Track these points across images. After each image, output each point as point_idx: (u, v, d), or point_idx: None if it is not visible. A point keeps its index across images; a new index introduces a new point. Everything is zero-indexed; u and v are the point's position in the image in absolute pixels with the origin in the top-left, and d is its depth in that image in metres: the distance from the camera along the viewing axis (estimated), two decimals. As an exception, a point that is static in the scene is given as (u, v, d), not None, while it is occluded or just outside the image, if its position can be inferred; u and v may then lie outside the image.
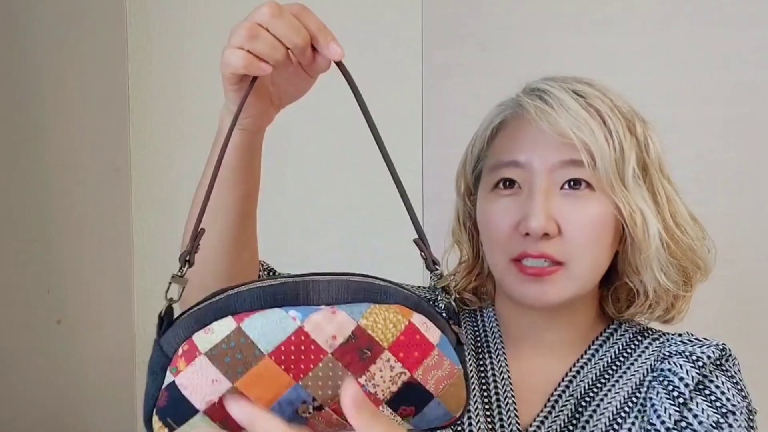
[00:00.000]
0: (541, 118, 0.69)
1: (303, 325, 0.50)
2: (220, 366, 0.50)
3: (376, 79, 1.22)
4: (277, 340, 0.50)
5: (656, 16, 1.17)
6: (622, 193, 0.68)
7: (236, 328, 0.50)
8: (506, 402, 0.74)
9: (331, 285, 0.53)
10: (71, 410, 1.10)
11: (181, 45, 1.21)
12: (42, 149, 1.05)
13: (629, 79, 1.15)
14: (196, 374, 0.50)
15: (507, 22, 1.21)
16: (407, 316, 0.53)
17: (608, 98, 0.71)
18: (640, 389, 0.73)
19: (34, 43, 1.03)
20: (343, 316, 0.51)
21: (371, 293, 0.53)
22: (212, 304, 0.51)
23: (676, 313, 0.75)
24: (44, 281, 1.05)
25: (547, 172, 0.69)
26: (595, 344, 0.77)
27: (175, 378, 0.50)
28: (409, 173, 1.22)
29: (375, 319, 0.52)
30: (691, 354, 0.73)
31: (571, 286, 0.70)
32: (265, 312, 0.51)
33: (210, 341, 0.50)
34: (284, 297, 0.51)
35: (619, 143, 0.68)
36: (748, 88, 1.15)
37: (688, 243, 0.71)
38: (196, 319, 0.51)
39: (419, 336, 0.53)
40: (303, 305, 0.51)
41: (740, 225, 1.15)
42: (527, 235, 0.69)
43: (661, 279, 0.71)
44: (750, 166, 1.16)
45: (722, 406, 0.69)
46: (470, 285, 0.82)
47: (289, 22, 0.56)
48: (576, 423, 0.72)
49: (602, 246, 0.70)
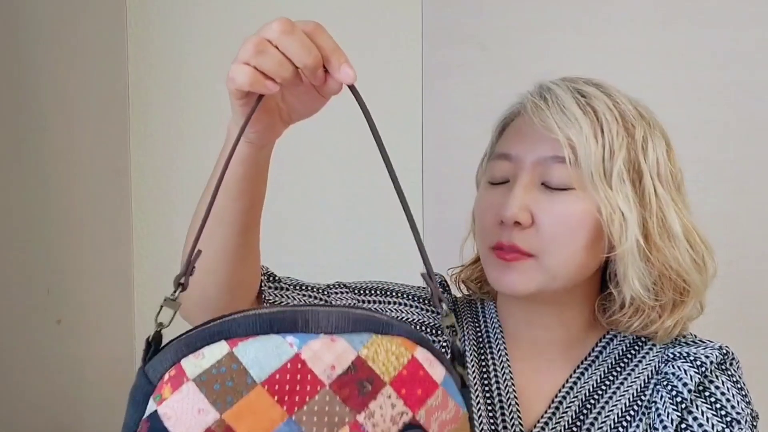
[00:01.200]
0: (535, 114, 0.70)
1: (300, 352, 0.47)
2: (209, 394, 0.46)
3: (376, 79, 1.21)
4: (271, 368, 0.47)
5: (656, 16, 1.17)
6: (604, 191, 0.68)
7: (229, 353, 0.47)
8: (509, 404, 0.74)
9: (331, 315, 0.50)
10: (71, 410, 1.10)
11: (181, 45, 1.21)
12: (42, 150, 1.05)
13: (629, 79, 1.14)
14: (182, 402, 0.46)
15: (507, 22, 1.21)
16: (410, 350, 0.50)
17: (612, 99, 0.71)
18: (645, 392, 0.73)
19: (34, 43, 1.03)
20: (343, 344, 0.48)
21: (373, 324, 0.50)
22: (205, 330, 0.48)
23: (660, 328, 0.73)
24: (44, 281, 1.05)
25: (532, 166, 0.70)
26: (598, 347, 0.77)
27: (158, 407, 0.46)
28: (409, 173, 1.22)
29: (376, 350, 0.49)
30: (695, 357, 0.72)
31: (539, 277, 0.70)
32: (261, 337, 0.48)
33: (200, 366, 0.46)
34: (282, 324, 0.48)
35: (609, 141, 0.68)
36: (748, 88, 1.15)
37: (672, 255, 0.69)
38: (187, 343, 0.48)
39: (422, 372, 0.49)
40: (301, 332, 0.48)
41: (740, 225, 1.15)
42: (502, 223, 0.70)
43: (635, 286, 0.69)
44: (750, 167, 1.16)
45: (726, 414, 0.69)
46: (474, 274, 0.83)
47: (300, 40, 0.54)
48: (580, 425, 0.72)
49: (577, 243, 0.69)
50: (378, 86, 1.21)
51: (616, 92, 0.73)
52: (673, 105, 1.16)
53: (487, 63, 1.21)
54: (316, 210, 1.24)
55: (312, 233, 1.24)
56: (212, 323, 0.49)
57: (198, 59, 1.20)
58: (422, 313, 0.77)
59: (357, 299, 0.75)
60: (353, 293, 0.76)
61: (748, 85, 1.15)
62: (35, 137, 1.04)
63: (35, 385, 1.04)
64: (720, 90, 1.16)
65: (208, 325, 0.49)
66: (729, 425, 0.68)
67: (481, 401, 0.74)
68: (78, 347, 1.11)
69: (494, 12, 1.21)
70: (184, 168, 1.21)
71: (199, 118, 1.21)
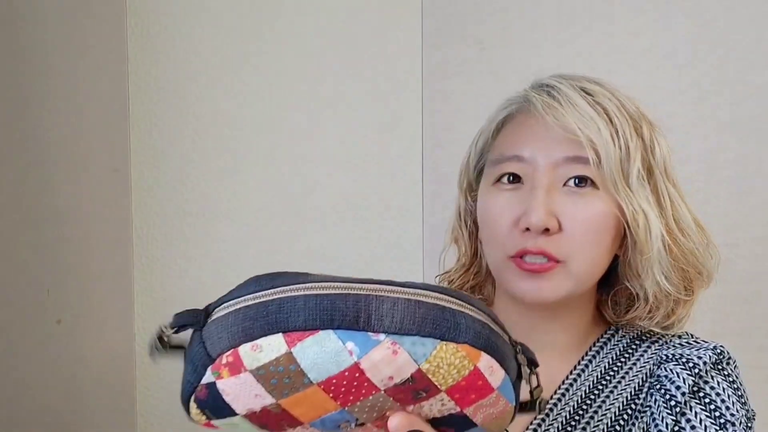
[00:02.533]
0: (548, 113, 0.68)
1: (360, 362, 0.46)
2: (266, 385, 0.46)
3: (376, 79, 1.22)
4: (329, 373, 0.46)
5: (656, 15, 1.17)
6: (625, 193, 0.67)
7: (287, 353, 0.46)
8: None
9: (396, 307, 0.47)
10: (71, 410, 1.10)
11: (181, 45, 1.21)
12: (42, 149, 1.05)
13: (629, 79, 1.15)
14: (240, 387, 0.47)
15: (507, 22, 1.21)
16: (474, 360, 0.48)
17: (616, 98, 0.70)
18: (639, 395, 0.73)
19: (34, 43, 1.03)
20: (405, 358, 0.46)
21: (440, 326, 0.47)
22: (263, 312, 0.46)
23: (676, 319, 0.74)
24: (44, 281, 1.05)
25: (550, 168, 0.68)
26: (594, 349, 0.77)
27: (217, 381, 0.47)
28: (409, 173, 1.22)
29: (439, 363, 0.47)
30: (687, 359, 0.72)
31: (568, 284, 0.69)
32: (319, 336, 0.46)
33: (257, 359, 0.46)
34: (343, 318, 0.46)
35: (624, 143, 0.68)
36: (748, 88, 1.15)
37: (690, 247, 0.71)
38: (243, 328, 0.46)
39: (481, 382, 0.48)
40: (362, 331, 0.46)
41: (740, 225, 1.15)
42: (527, 230, 0.68)
43: (662, 282, 0.70)
44: (750, 166, 1.16)
45: (721, 416, 0.68)
46: (467, 284, 0.81)
47: None
48: (572, 430, 0.72)
49: (602, 246, 0.70)
50: (378, 86, 1.21)
51: (616, 90, 0.72)
52: (674, 105, 1.16)
53: (487, 63, 1.21)
54: (315, 210, 1.24)
55: (313, 230, 1.24)
56: (271, 297, 0.47)
57: (198, 59, 1.20)
58: None
59: None
60: None
61: (748, 85, 1.15)
62: (35, 137, 1.04)
63: (35, 385, 1.04)
64: (720, 90, 1.16)
65: (267, 301, 0.47)
66: (723, 427, 0.68)
67: None
68: (78, 347, 1.11)
69: (494, 12, 1.21)
70: (184, 168, 1.21)
71: (199, 118, 1.21)
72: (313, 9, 1.21)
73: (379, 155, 1.21)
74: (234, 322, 0.47)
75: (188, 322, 0.49)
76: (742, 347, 1.13)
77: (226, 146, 1.21)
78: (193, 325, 0.49)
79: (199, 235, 1.21)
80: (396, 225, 1.22)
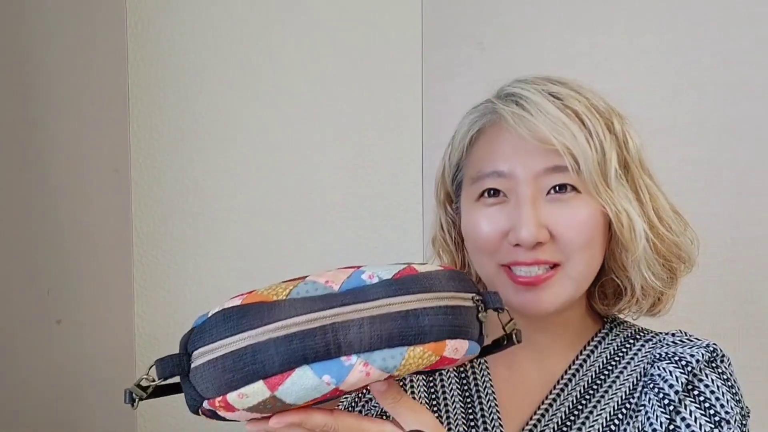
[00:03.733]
0: (519, 125, 0.67)
1: (338, 387, 0.50)
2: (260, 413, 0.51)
3: (376, 79, 1.22)
4: (313, 398, 0.50)
5: (656, 16, 1.17)
6: (606, 194, 0.68)
7: (271, 396, 0.49)
8: (490, 413, 0.73)
9: (362, 329, 0.49)
10: (71, 410, 1.10)
11: (181, 45, 1.21)
12: (42, 149, 1.05)
13: (629, 79, 1.15)
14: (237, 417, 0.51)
15: (507, 22, 1.21)
16: (439, 352, 0.51)
17: (584, 97, 0.70)
18: (633, 395, 0.73)
19: (34, 43, 1.03)
20: (377, 374, 0.50)
21: (406, 335, 0.50)
22: (240, 364, 0.48)
23: (662, 306, 0.76)
24: (44, 281, 1.05)
25: (531, 180, 0.68)
26: (587, 349, 0.76)
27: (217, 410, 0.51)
28: (409, 173, 1.22)
29: (408, 368, 0.51)
30: (680, 357, 0.71)
31: (568, 289, 0.69)
32: (296, 375, 0.49)
33: (246, 403, 0.49)
34: (315, 354, 0.48)
35: (599, 143, 0.67)
36: (748, 88, 1.15)
37: (672, 239, 0.71)
38: (226, 381, 0.49)
39: (448, 362, 0.52)
40: (335, 358, 0.49)
41: (740, 225, 1.15)
42: (517, 245, 0.68)
43: (648, 277, 0.71)
44: (750, 166, 1.16)
45: (715, 413, 0.68)
46: None
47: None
48: (568, 429, 0.71)
49: (595, 246, 0.70)
50: (378, 86, 1.21)
51: (581, 87, 0.71)
52: (673, 105, 1.16)
53: (487, 63, 1.21)
54: (315, 210, 1.24)
55: (311, 233, 1.24)
56: (244, 345, 0.48)
57: (198, 59, 1.20)
58: None
59: None
60: None
61: (748, 85, 1.15)
62: (35, 137, 1.04)
63: (35, 385, 1.04)
64: (720, 90, 1.16)
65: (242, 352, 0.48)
66: (717, 425, 0.68)
67: (460, 415, 0.74)
68: (78, 347, 1.11)
69: (494, 12, 1.21)
70: (184, 168, 1.21)
71: (199, 118, 1.21)
72: (313, 9, 1.21)
73: (379, 155, 1.21)
74: (215, 375, 0.49)
75: (174, 372, 0.51)
76: (741, 347, 1.13)
77: (226, 146, 1.21)
78: (179, 373, 0.51)
79: (199, 235, 1.21)
80: (396, 225, 1.22)
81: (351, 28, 1.21)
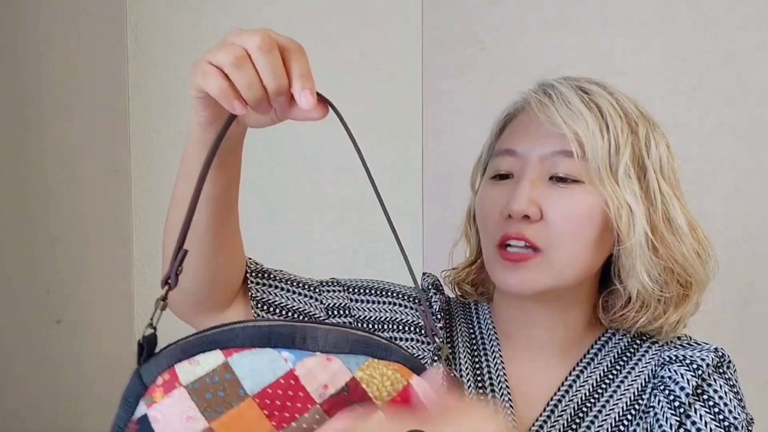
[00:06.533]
0: (540, 111, 0.70)
1: (295, 368, 0.47)
2: (200, 402, 0.46)
3: (376, 79, 1.22)
4: (264, 382, 0.47)
5: (656, 15, 1.17)
6: (611, 186, 0.68)
7: (223, 363, 0.47)
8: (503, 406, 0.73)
9: (330, 333, 0.49)
10: (71, 410, 1.10)
11: (181, 45, 1.21)
12: (42, 149, 1.05)
13: (629, 79, 1.15)
14: (172, 407, 0.46)
15: (507, 22, 1.21)
16: (407, 377, 0.49)
17: (614, 97, 0.71)
18: (642, 396, 0.73)
19: (34, 43, 1.03)
20: (339, 364, 0.48)
21: (371, 348, 0.50)
22: (203, 337, 0.48)
23: (665, 323, 0.73)
24: (44, 281, 1.05)
25: (538, 162, 0.70)
26: (594, 349, 0.77)
27: (148, 410, 0.46)
28: (409, 173, 1.22)
29: (372, 373, 0.48)
30: (691, 360, 0.72)
31: (548, 275, 0.70)
32: (256, 350, 0.48)
33: (194, 373, 0.47)
34: (279, 338, 0.48)
35: (614, 137, 0.68)
36: (748, 88, 1.15)
37: (678, 249, 0.70)
38: (183, 349, 0.48)
39: (416, 400, 0.49)
40: (297, 349, 0.48)
41: (740, 225, 1.15)
42: (510, 217, 0.70)
43: (644, 280, 0.70)
44: (750, 166, 1.16)
45: (725, 419, 0.69)
46: (470, 277, 0.82)
47: (273, 62, 0.51)
48: (576, 428, 0.72)
49: (585, 239, 0.70)
50: (378, 86, 1.21)
51: (617, 91, 0.73)
52: (673, 105, 1.16)
53: (487, 63, 1.21)
54: (315, 210, 1.24)
55: (312, 233, 1.24)
56: (211, 331, 0.49)
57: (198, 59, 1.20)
58: (415, 313, 0.76)
59: (350, 298, 0.75)
60: (346, 291, 0.76)
61: (748, 85, 1.15)
62: (35, 137, 1.04)
63: (35, 385, 1.04)
64: (720, 90, 1.16)
65: (206, 332, 0.48)
66: (727, 430, 0.68)
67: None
68: (78, 347, 1.11)
69: (494, 12, 1.21)
70: (184, 168, 1.21)
71: (199, 118, 1.21)
72: (314, 9, 1.21)
73: (379, 155, 1.21)
74: (173, 350, 0.48)
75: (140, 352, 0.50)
76: (742, 348, 1.13)
77: (226, 146, 1.21)
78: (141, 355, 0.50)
79: (199, 235, 1.21)
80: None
81: (351, 28, 1.21)
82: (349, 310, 0.75)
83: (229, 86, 0.52)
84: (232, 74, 0.52)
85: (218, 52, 0.53)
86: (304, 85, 0.53)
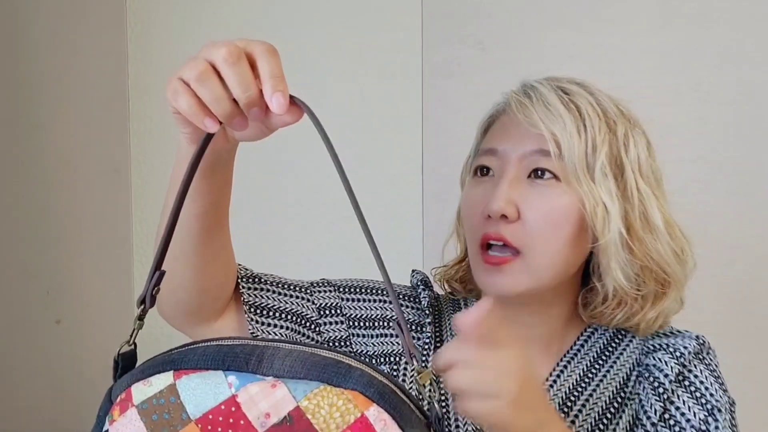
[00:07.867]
0: (519, 111, 0.71)
1: (237, 394, 0.46)
2: (148, 423, 0.46)
3: (376, 79, 1.22)
4: (206, 406, 0.46)
5: (656, 16, 1.17)
6: (587, 185, 0.69)
7: (171, 385, 0.47)
8: None
9: (291, 355, 0.47)
10: (70, 410, 1.10)
11: (181, 44, 1.21)
12: (42, 149, 1.05)
13: (629, 79, 1.15)
14: (125, 427, 0.47)
15: (507, 22, 1.21)
16: (361, 407, 0.46)
17: (594, 97, 0.72)
18: (627, 384, 0.75)
19: (34, 43, 1.03)
20: (283, 392, 0.46)
21: (329, 372, 0.47)
22: (165, 356, 0.48)
23: (641, 320, 0.74)
24: (44, 281, 1.05)
25: (517, 161, 0.71)
26: (578, 343, 0.78)
27: (110, 427, 0.48)
28: (409, 173, 1.22)
29: (319, 402, 0.45)
30: (674, 348, 0.74)
31: (527, 277, 0.70)
32: (206, 373, 0.47)
33: (145, 394, 0.47)
34: (234, 360, 0.47)
35: (591, 137, 0.70)
36: (748, 88, 1.15)
37: (654, 247, 0.71)
38: (143, 369, 0.48)
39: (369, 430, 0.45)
40: (249, 372, 0.47)
41: (740, 225, 1.15)
42: (489, 217, 0.71)
43: (617, 277, 0.71)
44: (750, 166, 1.16)
45: (707, 402, 0.71)
46: (459, 274, 0.83)
47: (241, 73, 0.49)
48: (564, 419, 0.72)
49: (561, 238, 0.70)
50: (378, 86, 1.21)
51: (598, 91, 0.74)
52: (673, 105, 1.16)
53: (487, 63, 1.21)
54: (315, 210, 1.24)
55: (311, 230, 1.24)
56: (176, 350, 0.49)
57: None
58: (405, 310, 0.78)
59: (341, 297, 0.76)
60: (337, 291, 0.77)
61: (748, 85, 1.15)
62: (35, 137, 1.04)
63: (35, 385, 1.04)
64: (720, 90, 1.16)
65: (172, 351, 0.49)
66: (710, 413, 0.70)
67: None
68: (78, 347, 1.11)
69: (494, 12, 1.21)
70: (184, 168, 1.21)
71: (199, 118, 1.21)
72: (314, 9, 1.21)
73: (379, 155, 1.21)
74: (139, 368, 0.48)
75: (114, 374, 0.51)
76: (742, 347, 1.13)
77: (226, 146, 1.21)
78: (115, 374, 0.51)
79: (199, 235, 1.21)
80: (396, 225, 1.22)
81: (351, 28, 1.21)
82: (340, 309, 0.76)
83: (197, 103, 0.51)
84: (198, 90, 0.51)
85: (185, 67, 0.52)
86: (275, 87, 0.50)
